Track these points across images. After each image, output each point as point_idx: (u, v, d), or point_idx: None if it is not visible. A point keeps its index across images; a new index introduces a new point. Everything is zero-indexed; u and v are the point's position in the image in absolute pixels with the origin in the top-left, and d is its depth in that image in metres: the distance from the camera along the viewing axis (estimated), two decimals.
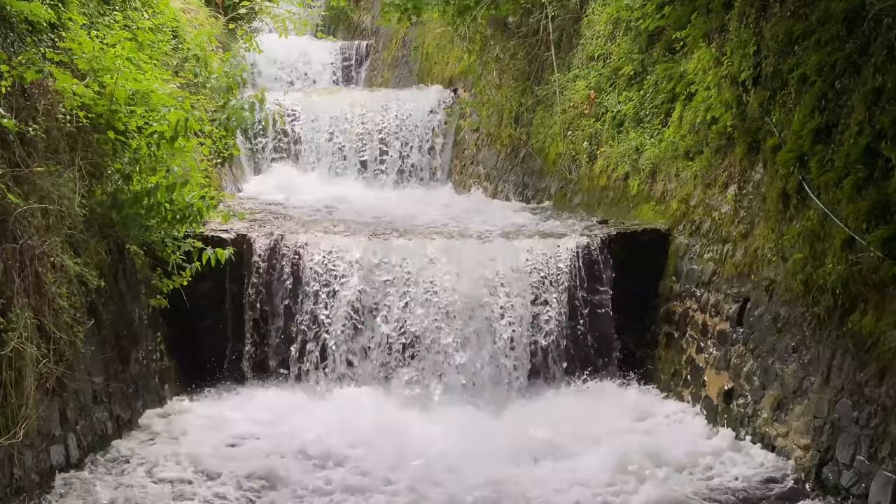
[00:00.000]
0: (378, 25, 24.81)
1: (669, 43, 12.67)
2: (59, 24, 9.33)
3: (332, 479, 8.78)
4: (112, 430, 9.35)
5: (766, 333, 9.54)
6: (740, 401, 9.83)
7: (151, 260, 10.49)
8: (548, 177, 15.73)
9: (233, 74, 14.03)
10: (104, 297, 9.31)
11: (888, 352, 7.79)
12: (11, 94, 8.14)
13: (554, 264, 11.61)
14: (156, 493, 8.40)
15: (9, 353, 7.39)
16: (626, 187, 13.19)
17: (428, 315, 11.26)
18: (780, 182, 9.46)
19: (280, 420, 10.09)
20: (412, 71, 23.07)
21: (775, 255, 9.51)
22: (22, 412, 7.49)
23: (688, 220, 11.44)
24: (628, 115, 13.51)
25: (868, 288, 8.08)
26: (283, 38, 17.25)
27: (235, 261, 10.96)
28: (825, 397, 8.49)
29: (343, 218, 13.87)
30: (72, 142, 8.94)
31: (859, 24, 8.63)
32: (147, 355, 10.39)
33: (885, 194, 7.98)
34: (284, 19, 16.83)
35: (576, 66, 15.40)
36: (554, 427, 9.93)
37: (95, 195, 9.36)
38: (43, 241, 8.03)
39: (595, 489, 8.66)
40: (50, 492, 8.01)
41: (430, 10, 17.19)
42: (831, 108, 8.86)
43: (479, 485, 8.64)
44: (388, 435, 9.69)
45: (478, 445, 9.51)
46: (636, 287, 11.72)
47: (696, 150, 11.55)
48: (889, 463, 7.58)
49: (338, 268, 11.49)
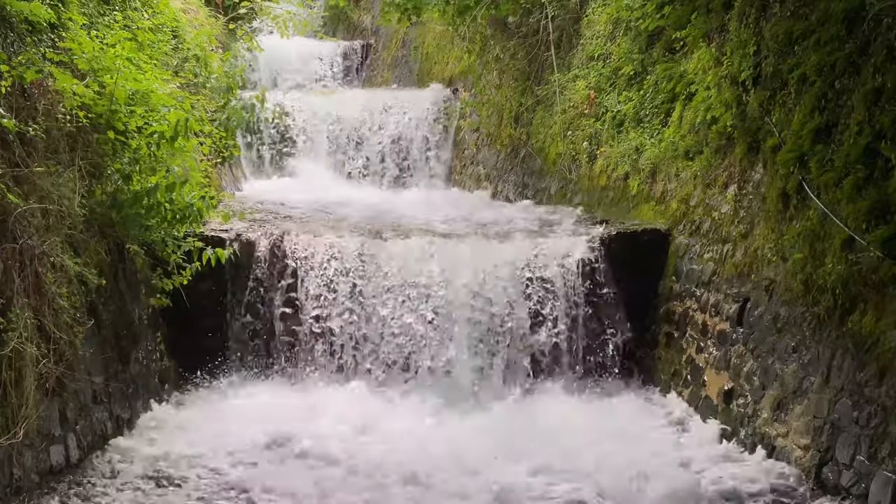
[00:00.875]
0: (378, 25, 24.82)
1: (669, 43, 12.67)
2: (58, 24, 9.34)
3: (334, 478, 8.79)
4: (112, 429, 9.35)
5: (766, 333, 9.54)
6: (740, 401, 9.83)
7: (151, 260, 10.50)
8: (548, 177, 15.73)
9: (233, 74, 14.04)
10: (104, 297, 9.31)
11: (888, 352, 7.79)
12: (11, 94, 8.14)
13: (553, 264, 11.62)
14: (156, 493, 8.39)
15: (9, 353, 7.39)
16: (626, 187, 13.19)
17: (427, 315, 11.26)
18: (780, 182, 9.46)
19: (280, 420, 10.09)
20: (412, 71, 23.07)
21: (775, 255, 9.51)
22: (22, 412, 7.49)
23: (688, 220, 11.44)
24: (628, 115, 13.51)
25: (868, 288, 8.08)
26: (284, 38, 17.26)
27: (235, 260, 10.97)
28: (825, 397, 8.49)
29: (342, 218, 13.86)
30: (72, 142, 8.94)
31: (859, 24, 8.63)
32: (147, 355, 10.39)
33: (884, 194, 7.98)
34: (284, 19, 16.83)
35: (576, 66, 15.40)
36: (554, 427, 9.93)
37: (95, 195, 9.36)
38: (43, 241, 8.03)
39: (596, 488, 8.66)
40: (50, 492, 8.01)
41: (430, 10, 17.20)
42: (831, 108, 8.86)
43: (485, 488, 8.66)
44: (390, 433, 9.70)
45: (477, 444, 9.52)
46: (636, 287, 11.72)
47: (696, 150, 11.55)
48: (889, 463, 7.58)
49: (338, 267, 11.49)
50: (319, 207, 15.01)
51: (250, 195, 16.08)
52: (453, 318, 11.33)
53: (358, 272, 11.45)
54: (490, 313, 11.41)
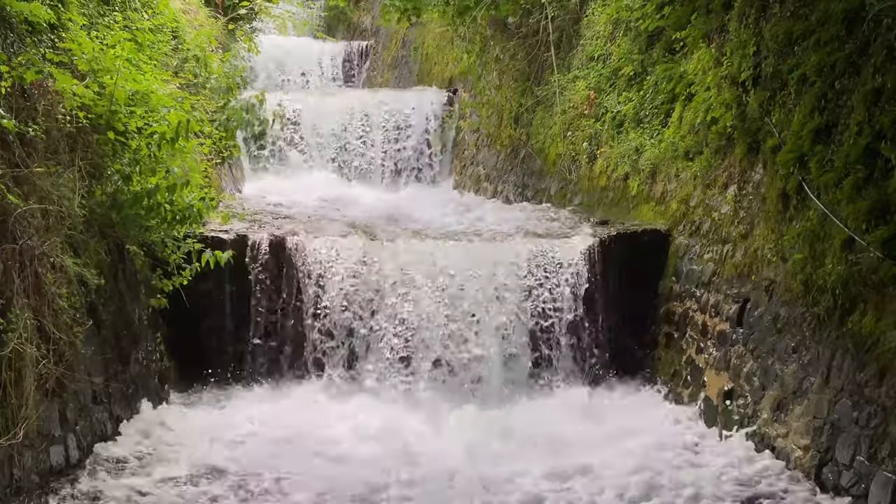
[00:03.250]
0: (378, 26, 24.84)
1: (669, 43, 12.67)
2: (58, 25, 9.33)
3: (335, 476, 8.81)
4: (112, 430, 9.35)
5: (766, 334, 9.54)
6: (740, 401, 9.83)
7: (151, 260, 10.49)
8: (548, 177, 15.74)
9: (232, 75, 14.03)
10: (104, 298, 9.31)
11: (888, 352, 7.79)
12: (11, 95, 8.14)
13: (553, 265, 11.61)
14: (155, 493, 8.39)
15: (8, 354, 7.39)
16: (625, 188, 13.19)
17: (426, 315, 11.27)
18: (780, 182, 9.46)
19: (280, 420, 10.09)
20: (412, 71, 23.09)
21: (775, 255, 9.51)
22: (22, 413, 7.49)
23: (687, 221, 11.44)
24: (628, 115, 13.51)
25: (868, 288, 8.08)
26: (283, 36, 17.26)
27: (235, 261, 10.96)
28: (825, 398, 8.49)
29: (342, 218, 13.85)
30: (71, 142, 8.93)
31: (859, 25, 8.64)
32: (147, 355, 10.39)
33: (884, 194, 7.98)
34: (284, 20, 16.84)
35: (575, 66, 15.40)
36: (555, 428, 9.94)
37: (95, 196, 9.35)
38: (43, 241, 8.03)
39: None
40: (50, 492, 8.00)
41: (430, 11, 17.22)
42: (831, 108, 8.86)
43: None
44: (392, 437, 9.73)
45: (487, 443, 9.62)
46: (636, 287, 11.72)
47: (696, 150, 11.55)
48: (889, 463, 7.58)
49: (338, 268, 11.49)
50: (319, 208, 15.01)
51: (250, 195, 16.09)
52: (453, 319, 11.32)
53: (359, 272, 11.44)
54: (490, 314, 11.40)
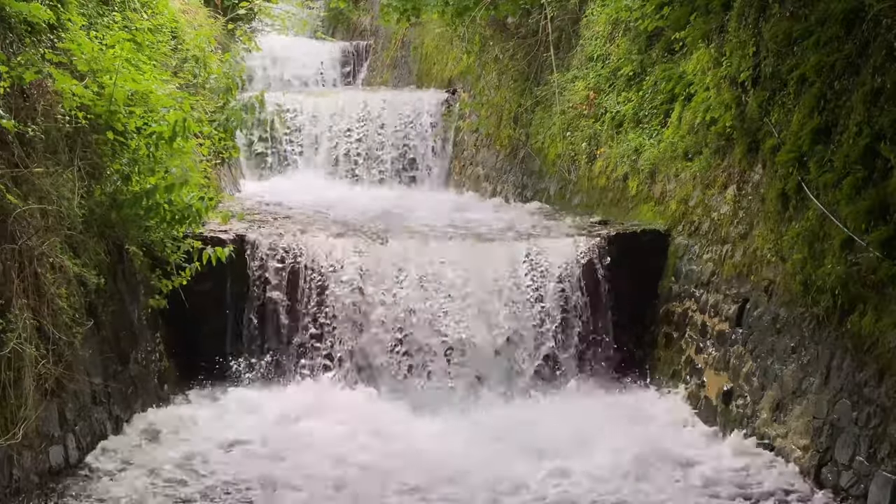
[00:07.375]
0: (377, 26, 24.83)
1: (669, 43, 12.67)
2: (58, 25, 9.33)
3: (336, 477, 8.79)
4: (111, 430, 9.34)
5: (766, 334, 9.54)
6: (739, 401, 9.83)
7: (150, 260, 10.49)
8: (547, 177, 15.73)
9: (232, 75, 14.02)
10: (103, 298, 9.31)
11: (888, 352, 7.79)
12: (10, 95, 8.14)
13: (552, 265, 11.61)
14: (155, 493, 8.38)
15: (8, 354, 7.39)
16: (625, 188, 13.19)
17: (426, 315, 11.27)
18: (780, 183, 9.46)
19: (280, 420, 10.09)
20: (411, 71, 23.08)
21: (774, 255, 9.51)
22: (21, 413, 7.49)
23: (687, 221, 11.44)
24: (627, 115, 13.51)
25: (867, 288, 8.08)
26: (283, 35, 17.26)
27: (234, 261, 10.96)
28: (824, 398, 8.49)
29: (342, 219, 13.85)
30: (71, 142, 8.94)
31: (858, 25, 8.64)
32: (146, 356, 10.39)
33: (884, 195, 7.98)
34: (284, 19, 16.83)
35: (575, 66, 15.40)
36: (553, 428, 9.93)
37: (94, 196, 9.35)
38: (42, 241, 8.02)
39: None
40: (49, 493, 8.00)
41: (430, 11, 17.20)
42: (830, 108, 8.86)
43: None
44: (392, 435, 9.73)
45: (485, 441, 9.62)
46: (635, 288, 11.72)
47: (696, 150, 11.55)
48: (888, 463, 7.58)
49: (337, 268, 11.49)
50: (319, 208, 14.98)
51: (250, 195, 16.08)
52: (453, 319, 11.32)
53: (359, 273, 11.44)
54: (490, 314, 11.40)
